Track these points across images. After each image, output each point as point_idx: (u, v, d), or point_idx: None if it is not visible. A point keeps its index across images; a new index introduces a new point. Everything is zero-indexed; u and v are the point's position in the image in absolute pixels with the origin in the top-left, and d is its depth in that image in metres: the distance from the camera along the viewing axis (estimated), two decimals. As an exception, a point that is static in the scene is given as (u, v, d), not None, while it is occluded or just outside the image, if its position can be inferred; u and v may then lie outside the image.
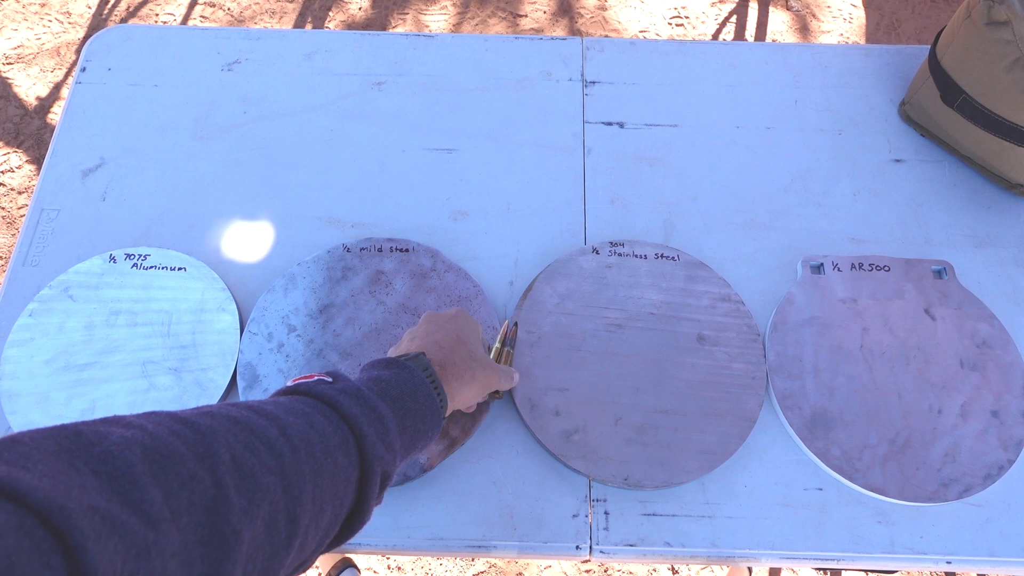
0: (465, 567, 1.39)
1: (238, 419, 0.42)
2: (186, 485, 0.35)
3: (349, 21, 2.00)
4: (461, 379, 0.59)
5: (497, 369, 0.64)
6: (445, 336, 0.61)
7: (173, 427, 0.38)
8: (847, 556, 0.68)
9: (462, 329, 0.62)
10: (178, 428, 0.39)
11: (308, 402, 0.48)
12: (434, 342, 0.60)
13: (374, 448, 0.48)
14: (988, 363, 0.75)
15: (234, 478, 0.38)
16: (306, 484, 0.42)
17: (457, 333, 0.62)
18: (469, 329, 0.63)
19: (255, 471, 0.39)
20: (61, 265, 0.81)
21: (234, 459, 0.39)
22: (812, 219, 0.85)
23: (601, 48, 0.98)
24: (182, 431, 0.38)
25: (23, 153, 1.81)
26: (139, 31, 1.00)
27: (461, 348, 0.61)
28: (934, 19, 1.98)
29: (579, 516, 0.70)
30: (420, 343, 0.61)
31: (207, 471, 0.37)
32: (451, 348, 0.60)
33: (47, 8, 2.01)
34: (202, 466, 0.37)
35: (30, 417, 0.72)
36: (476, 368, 0.61)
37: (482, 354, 0.63)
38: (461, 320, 0.64)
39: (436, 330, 0.62)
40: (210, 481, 0.37)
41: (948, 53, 0.83)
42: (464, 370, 0.59)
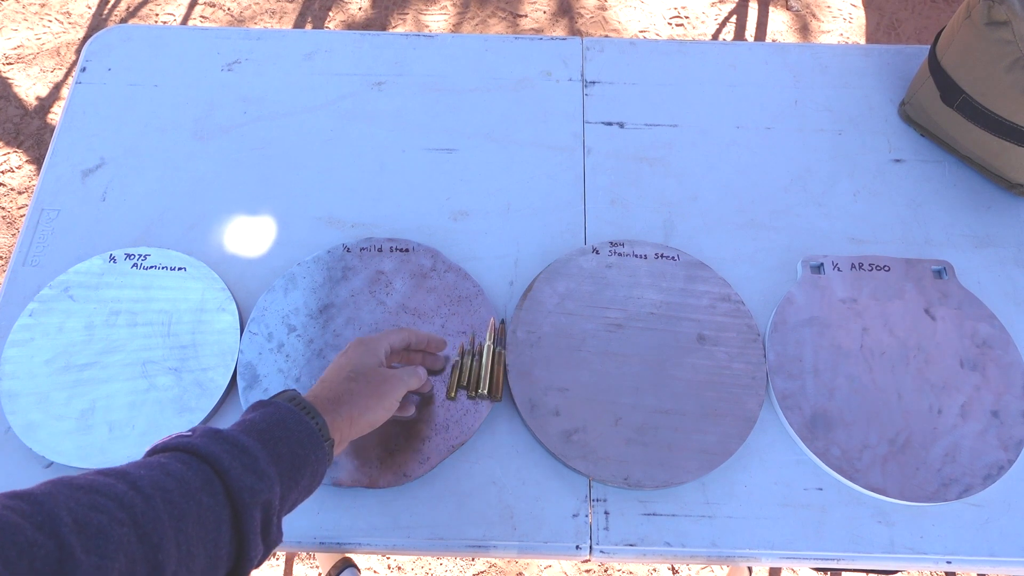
0: (465, 567, 1.39)
1: (80, 484, 0.42)
2: (25, 553, 0.36)
3: (349, 21, 2.00)
4: (339, 401, 0.59)
5: (388, 377, 0.63)
6: (328, 372, 0.63)
7: (7, 503, 0.38)
8: (847, 556, 0.68)
9: (349, 358, 0.64)
10: (12, 503, 0.39)
11: (164, 455, 0.48)
12: (318, 381, 0.62)
13: (240, 480, 0.47)
14: (988, 363, 0.75)
15: (80, 538, 0.38)
16: (166, 530, 0.42)
17: (339, 363, 0.63)
18: (355, 354, 0.64)
19: (103, 527, 0.39)
20: (61, 265, 0.81)
21: (77, 520, 0.39)
22: (812, 219, 0.85)
23: (601, 48, 0.98)
24: (16, 505, 0.38)
25: (23, 153, 1.81)
26: (139, 31, 1.00)
27: (339, 373, 0.62)
28: (934, 19, 1.98)
29: (579, 516, 0.70)
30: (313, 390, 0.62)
31: (48, 536, 0.37)
32: (330, 378, 0.62)
33: (47, 8, 2.01)
34: (42, 532, 0.37)
35: (30, 417, 0.72)
36: (356, 386, 0.61)
37: (367, 368, 0.63)
38: (350, 351, 0.65)
39: (327, 370, 0.64)
40: (53, 545, 0.37)
41: (948, 53, 0.83)
42: (342, 392, 0.60)
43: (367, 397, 0.61)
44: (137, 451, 0.70)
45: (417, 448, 0.71)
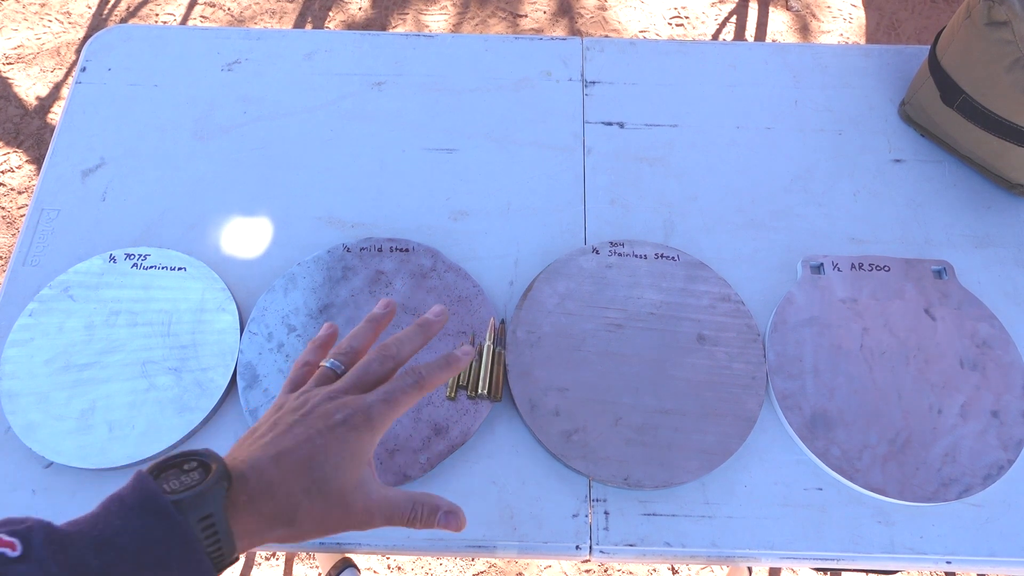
0: (465, 567, 1.39)
1: None
2: None
3: (349, 21, 2.00)
4: (274, 519, 0.43)
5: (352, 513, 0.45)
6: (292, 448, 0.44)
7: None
8: (847, 556, 0.68)
9: (328, 446, 0.44)
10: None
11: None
12: (275, 454, 0.44)
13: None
14: (988, 363, 0.75)
15: None
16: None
17: (313, 450, 0.44)
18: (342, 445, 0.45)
19: None
20: (61, 265, 0.81)
21: None
22: (812, 219, 0.85)
23: (601, 48, 0.98)
24: None
25: (23, 153, 1.81)
26: (139, 31, 1.00)
27: (303, 476, 0.44)
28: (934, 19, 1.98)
29: (579, 516, 0.70)
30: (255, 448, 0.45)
31: None
32: (286, 472, 0.44)
33: (47, 8, 2.01)
34: None
35: (30, 417, 0.72)
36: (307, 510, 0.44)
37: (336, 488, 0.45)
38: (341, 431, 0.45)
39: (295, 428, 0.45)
40: None
41: (948, 53, 0.83)
42: (285, 508, 0.43)
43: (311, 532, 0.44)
44: (137, 451, 0.71)
45: (417, 448, 0.71)
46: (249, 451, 0.45)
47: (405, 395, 0.48)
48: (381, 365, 0.50)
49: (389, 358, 0.50)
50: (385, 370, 0.50)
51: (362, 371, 0.49)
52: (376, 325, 0.54)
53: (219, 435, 0.73)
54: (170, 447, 0.71)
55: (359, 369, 0.49)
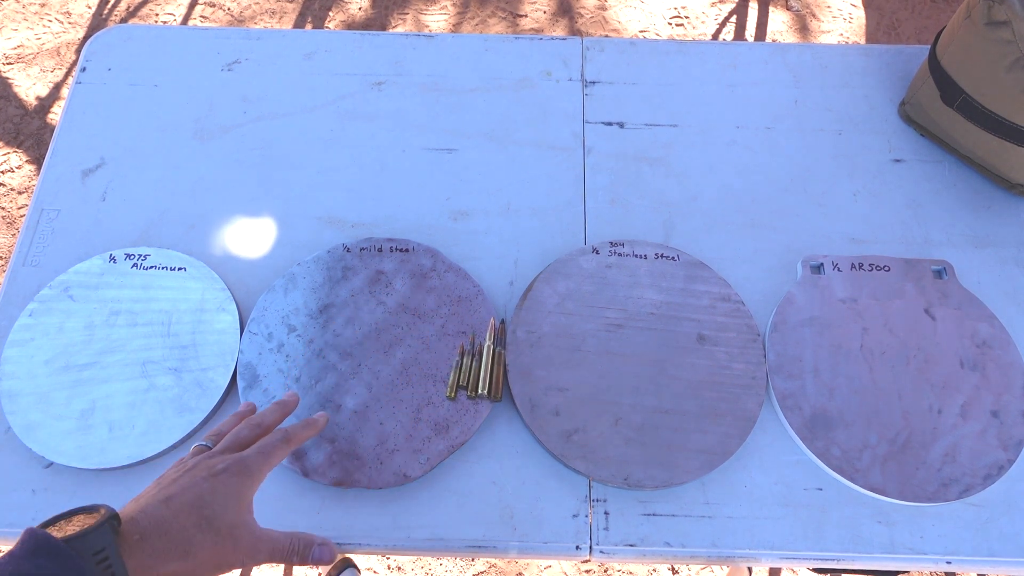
0: (465, 567, 1.39)
1: None
2: None
3: (349, 21, 2.00)
4: (167, 553, 0.47)
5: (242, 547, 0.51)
6: (180, 491, 0.50)
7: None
8: (847, 556, 0.68)
9: (213, 489, 0.51)
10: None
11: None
12: (164, 497, 0.50)
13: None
14: (988, 363, 0.75)
15: None
16: None
17: (199, 493, 0.50)
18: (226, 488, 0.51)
19: None
20: (61, 265, 0.81)
21: None
22: (812, 219, 0.85)
23: (601, 48, 0.98)
24: None
25: (23, 153, 1.81)
26: (139, 31, 1.00)
27: (192, 513, 0.49)
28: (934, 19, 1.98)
29: (579, 516, 0.70)
30: (149, 496, 0.51)
31: None
32: (178, 508, 0.49)
33: (47, 8, 2.01)
34: None
35: (30, 417, 0.72)
36: (199, 544, 0.49)
37: (226, 524, 0.50)
38: (222, 478, 0.52)
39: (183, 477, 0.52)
40: None
41: (948, 53, 0.83)
42: (177, 542, 0.48)
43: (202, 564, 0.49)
44: (137, 451, 0.71)
45: (417, 448, 0.71)
46: (137, 502, 0.50)
47: (276, 448, 0.56)
48: (249, 432, 0.58)
49: (255, 426, 0.59)
50: (253, 436, 0.58)
51: (233, 437, 0.57)
52: (240, 418, 0.61)
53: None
54: (170, 447, 0.71)
55: (231, 436, 0.58)
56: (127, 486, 0.70)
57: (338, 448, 0.71)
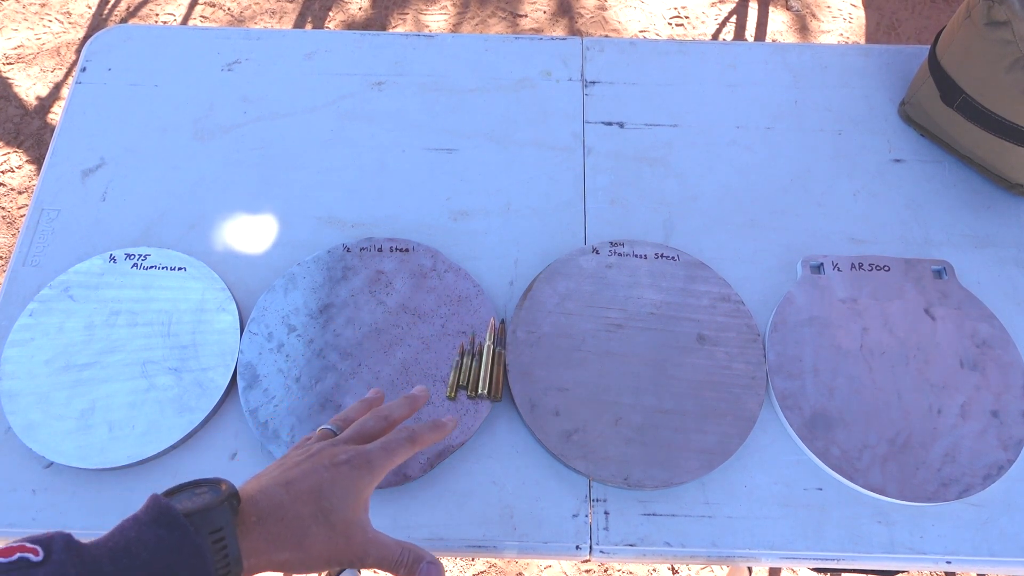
0: (465, 567, 1.39)
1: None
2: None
3: (349, 21, 2.00)
4: (282, 540, 0.46)
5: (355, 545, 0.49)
6: (304, 475, 0.49)
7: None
8: (847, 556, 0.68)
9: (334, 479, 0.49)
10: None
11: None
12: (284, 480, 0.49)
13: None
14: (988, 363, 0.75)
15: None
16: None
17: (320, 481, 0.49)
18: (346, 480, 0.50)
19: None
20: (61, 265, 0.81)
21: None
22: (812, 219, 0.85)
23: (601, 48, 0.98)
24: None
25: (23, 153, 1.81)
26: (139, 31, 1.00)
27: (311, 501, 0.48)
28: (934, 19, 1.98)
29: (579, 516, 0.70)
30: (270, 476, 0.50)
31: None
32: (297, 494, 0.48)
33: (47, 8, 2.01)
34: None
35: (30, 417, 0.72)
36: (314, 535, 0.47)
37: (341, 518, 0.49)
38: (345, 469, 0.50)
39: (305, 462, 0.51)
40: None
41: (948, 53, 0.83)
42: (293, 530, 0.47)
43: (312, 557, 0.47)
44: (137, 451, 0.71)
45: (417, 448, 0.71)
46: (259, 481, 0.49)
47: (400, 447, 0.54)
48: (376, 424, 0.56)
49: (382, 419, 0.57)
50: (379, 428, 0.56)
51: (359, 426, 0.55)
52: (368, 405, 0.60)
53: (219, 435, 0.73)
54: (170, 447, 0.71)
55: (357, 425, 0.56)
56: (127, 486, 0.70)
57: (338, 448, 0.71)
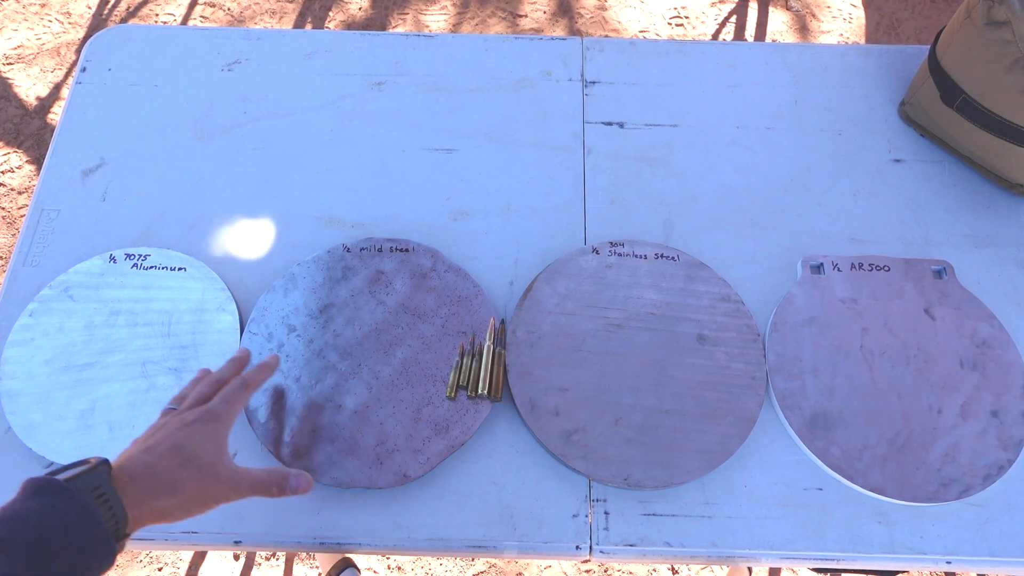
0: (465, 567, 1.39)
1: None
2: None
3: (349, 21, 2.00)
4: (158, 489, 0.52)
5: (228, 479, 0.56)
6: (160, 441, 0.56)
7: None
8: (847, 556, 0.68)
9: (189, 435, 0.56)
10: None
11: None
12: (145, 447, 0.55)
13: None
14: (988, 363, 0.75)
15: None
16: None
17: (178, 439, 0.56)
18: (200, 434, 0.57)
19: None
20: (61, 265, 0.81)
21: None
22: (812, 219, 0.85)
23: (601, 48, 0.98)
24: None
25: (23, 153, 1.81)
26: (139, 31, 1.00)
27: (174, 455, 0.55)
28: (934, 19, 1.98)
29: (579, 516, 0.70)
30: (132, 448, 0.56)
31: None
32: (160, 453, 0.54)
33: (47, 8, 2.01)
34: None
35: (30, 417, 0.72)
36: (185, 479, 0.54)
37: (206, 462, 0.56)
38: (196, 426, 0.57)
39: (159, 431, 0.57)
40: None
41: (948, 53, 0.83)
42: (165, 480, 0.53)
43: (190, 498, 0.54)
44: (137, 451, 0.71)
45: (417, 448, 0.71)
46: (123, 455, 0.55)
47: (235, 393, 0.62)
48: (210, 388, 0.63)
49: (214, 382, 0.63)
50: (214, 390, 0.63)
51: (197, 394, 0.62)
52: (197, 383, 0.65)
53: (219, 435, 0.73)
54: (170, 447, 0.71)
55: (195, 394, 0.62)
56: (127, 486, 0.70)
57: (338, 448, 0.71)
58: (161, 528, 0.69)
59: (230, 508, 0.70)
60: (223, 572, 1.38)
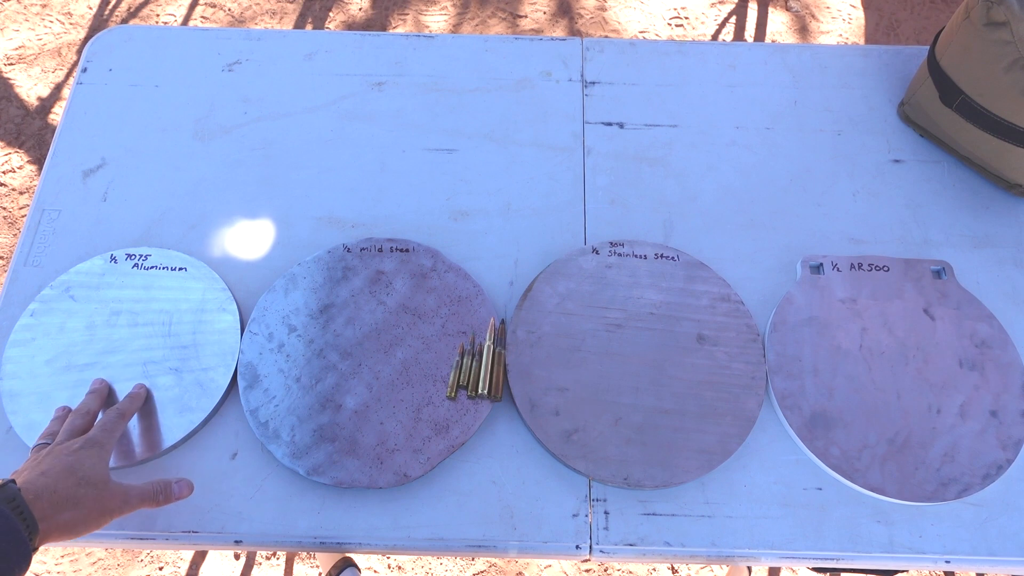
0: (465, 567, 1.39)
1: None
2: None
3: (349, 21, 2.00)
4: (61, 505, 0.58)
5: (118, 494, 0.62)
6: (52, 466, 0.61)
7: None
8: (846, 556, 0.68)
9: (78, 460, 0.62)
10: None
11: None
12: (40, 471, 0.60)
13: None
14: (987, 363, 0.75)
15: None
16: None
17: (69, 463, 0.61)
18: (88, 458, 0.63)
19: None
20: (62, 265, 0.82)
21: None
22: (812, 219, 0.85)
23: (601, 48, 0.98)
24: None
25: (24, 153, 1.81)
26: (140, 32, 1.01)
27: (69, 476, 0.60)
28: (933, 19, 1.98)
29: (579, 516, 0.70)
30: (27, 473, 0.61)
31: None
32: (56, 476, 0.60)
33: (48, 9, 2.01)
34: None
35: (31, 417, 0.72)
36: (83, 496, 0.60)
37: (99, 480, 0.62)
38: (82, 452, 0.63)
39: (45, 459, 0.62)
40: None
41: (947, 54, 0.83)
42: (65, 497, 0.59)
43: (90, 512, 0.60)
44: (137, 451, 0.71)
45: (417, 448, 0.71)
46: (20, 477, 0.60)
47: (113, 422, 0.67)
48: (82, 420, 0.68)
49: (84, 414, 0.69)
50: (86, 422, 0.68)
51: (69, 426, 0.67)
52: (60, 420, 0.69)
53: (219, 435, 0.73)
54: (171, 447, 0.72)
55: (67, 427, 0.67)
56: (128, 486, 0.71)
57: (338, 448, 0.71)
58: (162, 527, 0.69)
59: (231, 508, 0.70)
60: (223, 571, 1.38)
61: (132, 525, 0.69)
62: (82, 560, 1.37)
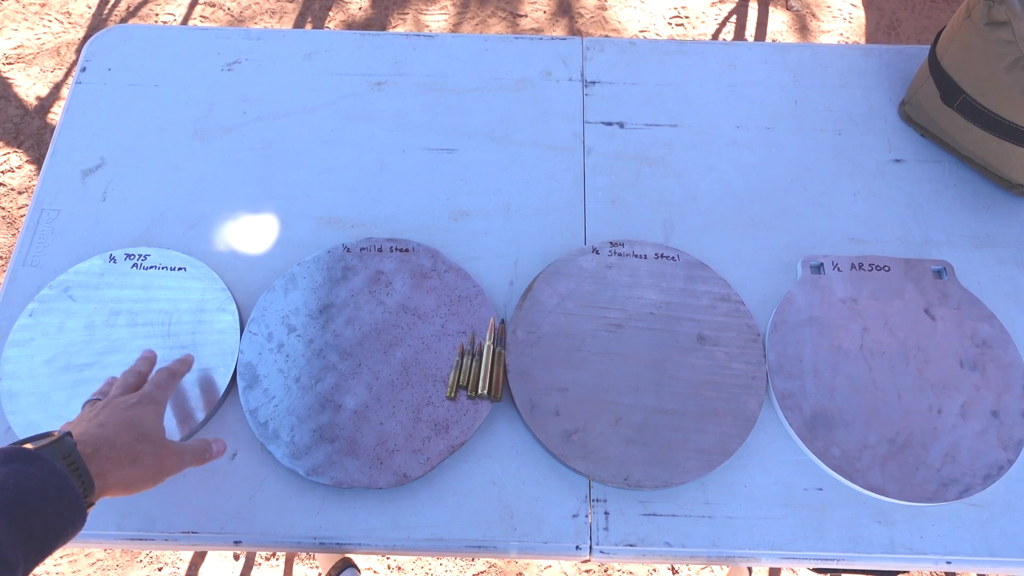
0: (465, 567, 1.39)
1: None
2: None
3: (349, 21, 2.00)
4: (119, 460, 0.57)
5: (174, 452, 0.61)
6: (109, 419, 0.60)
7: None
8: (847, 556, 0.68)
9: (137, 414, 0.61)
10: None
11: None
12: (98, 423, 0.59)
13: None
14: (988, 363, 0.75)
15: None
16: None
17: (128, 416, 0.60)
18: (146, 413, 0.62)
19: None
20: (61, 265, 0.81)
21: None
22: (812, 219, 0.85)
23: (601, 48, 0.98)
24: None
25: (23, 153, 1.81)
26: (139, 31, 1.00)
27: (129, 431, 0.59)
28: (934, 19, 1.98)
29: (579, 516, 0.70)
30: (84, 424, 0.59)
31: None
32: (116, 429, 0.59)
33: (47, 8, 2.01)
34: None
35: (30, 417, 0.72)
36: (142, 452, 0.59)
37: (157, 437, 0.61)
38: (139, 407, 0.62)
39: (103, 411, 0.61)
40: None
41: (948, 53, 0.83)
42: (125, 452, 0.57)
43: (148, 468, 0.59)
44: (137, 451, 0.71)
45: (417, 448, 0.71)
46: (77, 427, 0.59)
47: (166, 381, 0.67)
48: (135, 379, 0.67)
49: (137, 373, 0.68)
50: (138, 381, 0.67)
51: (122, 383, 0.66)
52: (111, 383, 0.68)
53: (220, 435, 0.73)
54: (170, 447, 0.71)
55: (120, 384, 0.66)
56: (127, 486, 0.70)
57: (338, 448, 0.71)
58: (161, 528, 0.69)
59: (230, 508, 0.70)
60: (223, 572, 1.38)
61: (132, 525, 0.69)
62: (81, 561, 1.37)
